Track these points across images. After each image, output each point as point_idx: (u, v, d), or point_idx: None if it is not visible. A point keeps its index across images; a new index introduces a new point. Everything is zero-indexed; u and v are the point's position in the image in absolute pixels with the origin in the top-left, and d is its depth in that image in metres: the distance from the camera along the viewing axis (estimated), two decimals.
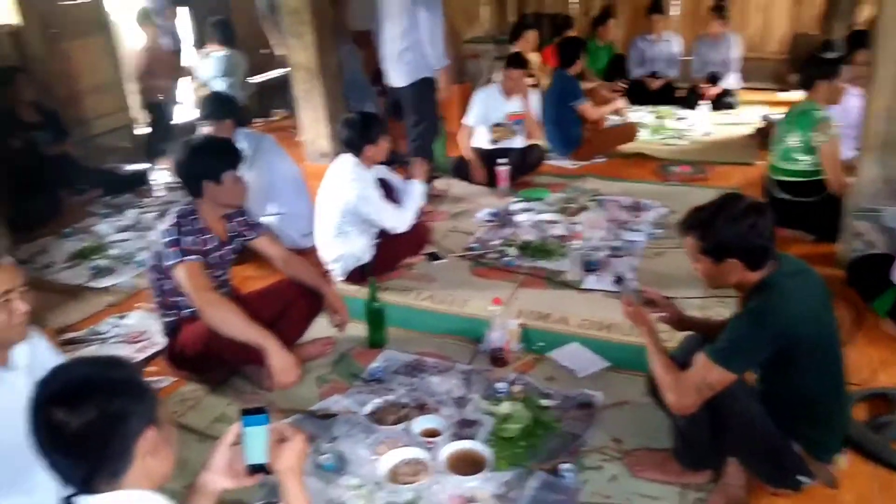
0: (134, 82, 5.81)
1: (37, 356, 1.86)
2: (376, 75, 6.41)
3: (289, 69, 4.69)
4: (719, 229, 1.84)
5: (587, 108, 5.25)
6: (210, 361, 2.63)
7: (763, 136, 5.23)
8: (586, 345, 2.86)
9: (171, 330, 2.69)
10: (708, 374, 1.81)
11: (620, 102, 5.90)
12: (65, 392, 1.20)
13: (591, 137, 5.32)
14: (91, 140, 5.18)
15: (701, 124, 6.00)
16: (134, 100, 5.90)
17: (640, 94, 6.70)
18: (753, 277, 1.87)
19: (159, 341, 2.92)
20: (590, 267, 3.49)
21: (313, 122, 4.46)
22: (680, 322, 2.25)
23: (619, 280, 2.22)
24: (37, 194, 4.39)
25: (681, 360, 1.93)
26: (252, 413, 1.47)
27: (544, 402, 2.47)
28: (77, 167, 4.75)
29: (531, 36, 6.03)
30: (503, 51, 6.49)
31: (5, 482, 1.72)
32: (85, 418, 1.17)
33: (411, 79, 4.37)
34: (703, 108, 6.16)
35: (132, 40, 5.80)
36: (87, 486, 1.21)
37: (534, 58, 6.03)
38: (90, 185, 4.79)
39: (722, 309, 2.96)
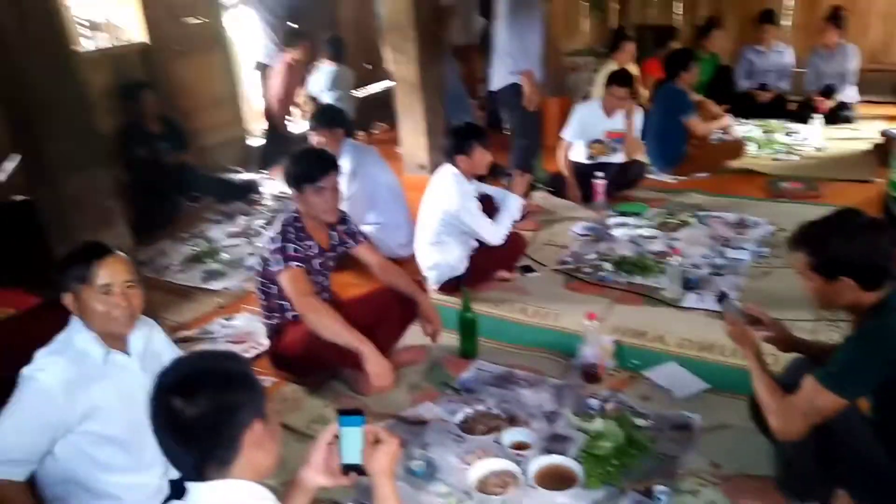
0: (257, 96, 6.13)
1: (151, 344, 1.99)
2: (474, 89, 6.51)
3: (390, 84, 4.81)
4: (833, 245, 1.75)
5: (695, 123, 5.08)
6: (310, 364, 2.73)
7: (882, 153, 4.90)
8: (684, 365, 2.77)
9: (275, 332, 2.81)
10: (817, 398, 1.72)
11: (729, 119, 5.67)
12: (183, 382, 1.28)
13: (695, 153, 5.15)
14: (207, 151, 5.51)
15: (814, 139, 5.69)
16: (248, 113, 6.24)
17: (748, 108, 6.43)
18: (868, 299, 1.76)
19: (263, 342, 3.06)
20: (690, 284, 3.38)
21: (412, 134, 4.56)
22: (786, 343, 2.14)
23: (721, 298, 2.13)
24: (158, 200, 4.71)
25: (787, 384, 1.84)
26: (349, 414, 1.52)
27: (639, 422, 2.41)
28: (194, 176, 5.05)
29: (630, 47, 5.92)
30: (602, 63, 6.41)
31: (126, 458, 1.86)
32: (199, 408, 1.25)
33: (502, 83, 4.40)
34: (817, 122, 5.85)
35: (247, 57, 6.12)
36: (198, 473, 1.29)
37: (633, 70, 5.92)
38: (205, 193, 5.09)
39: (833, 333, 2.80)
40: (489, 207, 3.57)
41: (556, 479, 2.13)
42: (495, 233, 3.45)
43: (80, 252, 1.82)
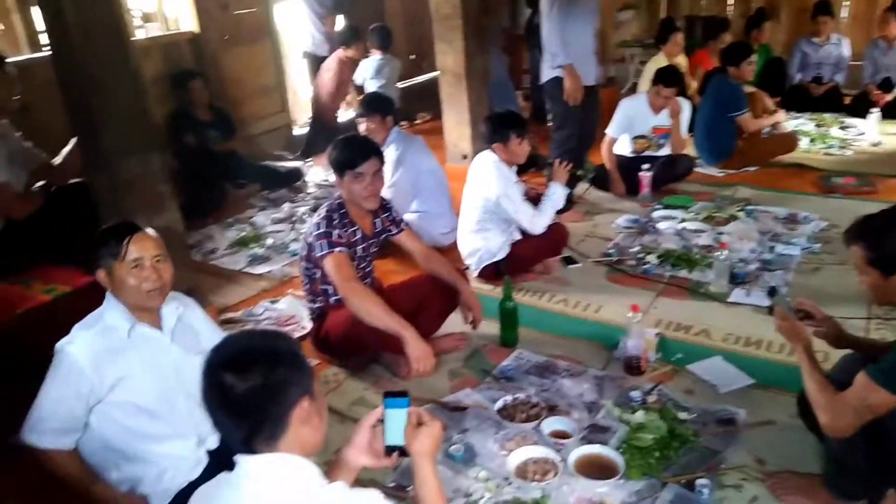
0: (299, 85, 6.22)
1: (185, 319, 2.04)
2: (519, 79, 6.49)
3: (433, 75, 4.81)
4: (891, 240, 1.70)
5: (747, 119, 4.96)
6: (352, 347, 2.77)
7: None
8: (729, 360, 2.72)
9: (318, 316, 2.86)
10: (869, 395, 1.68)
11: (781, 115, 5.52)
12: (235, 359, 1.32)
13: (745, 147, 5.03)
14: (254, 138, 5.60)
15: (870, 133, 5.52)
16: (294, 102, 6.32)
17: (801, 101, 6.26)
18: None
19: (306, 326, 3.12)
20: (737, 279, 3.31)
21: (456, 124, 4.57)
22: (838, 339, 2.09)
23: (772, 292, 2.09)
24: (206, 186, 4.81)
25: (837, 381, 1.80)
26: (394, 396, 1.54)
27: (681, 415, 2.38)
28: (241, 163, 5.14)
29: (679, 39, 5.82)
30: (650, 55, 6.32)
31: (158, 427, 1.92)
32: (250, 383, 1.28)
33: (547, 76, 4.37)
34: (874, 116, 5.64)
35: (294, 47, 6.20)
36: (247, 447, 1.32)
37: (681, 61, 5.82)
38: (251, 179, 5.18)
39: (886, 332, 2.72)
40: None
41: (596, 469, 2.12)
42: (536, 221, 3.43)
43: (112, 230, 1.90)
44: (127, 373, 1.85)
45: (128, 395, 1.86)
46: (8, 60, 3.30)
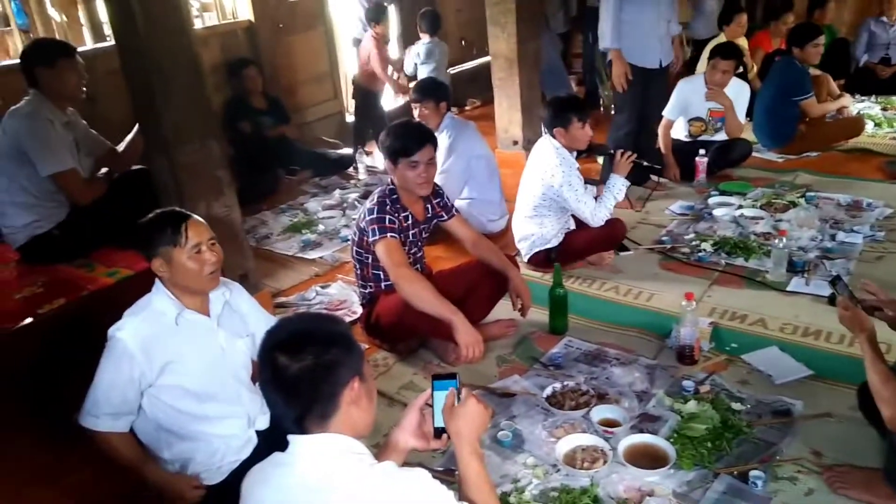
0: (350, 72, 6.27)
1: (232, 303, 2.08)
2: (571, 63, 6.39)
3: (485, 59, 4.77)
4: None
5: (811, 104, 4.78)
6: (401, 332, 2.80)
7: None
8: (786, 350, 2.66)
9: (369, 300, 2.90)
10: None
11: (847, 99, 5.30)
12: (288, 340, 1.35)
13: (807, 132, 4.86)
14: (306, 125, 5.68)
15: None
16: (345, 89, 6.37)
17: (867, 83, 6.00)
18: None
19: (357, 310, 3.17)
20: (796, 268, 3.22)
21: (508, 110, 4.53)
22: None
23: (835, 281, 2.01)
24: (260, 173, 4.91)
25: None
26: (443, 378, 1.56)
27: (735, 406, 2.34)
28: (293, 150, 5.23)
29: (742, 20, 5.62)
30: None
31: (206, 408, 1.98)
32: (302, 364, 1.31)
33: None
34: None
35: (346, 33, 6.24)
36: (299, 426, 1.35)
37: (743, 43, 5.63)
38: (303, 166, 5.26)
39: None
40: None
41: (646, 458, 2.10)
42: (596, 213, 3.34)
43: (165, 218, 1.93)
44: (175, 357, 1.90)
45: (176, 379, 1.91)
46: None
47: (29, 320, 2.86)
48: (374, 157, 5.79)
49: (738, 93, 4.52)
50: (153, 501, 2.09)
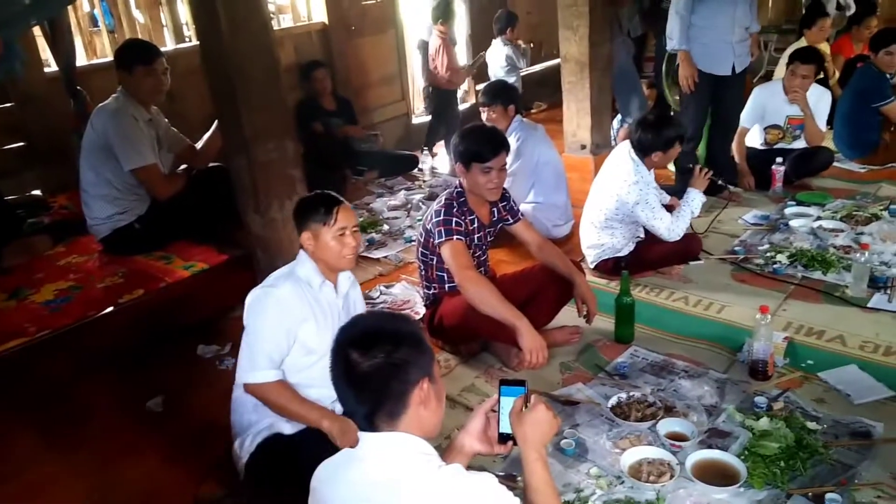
0: (421, 74, 6.31)
1: (351, 291, 2.29)
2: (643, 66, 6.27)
3: (552, 62, 4.71)
4: None
5: (893, 109, 4.56)
6: (464, 334, 2.80)
7: None
8: (866, 369, 2.55)
9: (432, 302, 2.91)
10: None
11: None
12: (360, 337, 1.37)
13: (891, 141, 4.64)
14: (373, 127, 5.75)
15: None
16: (414, 91, 6.42)
17: None
18: None
19: (420, 311, 3.19)
20: (878, 283, 3.08)
21: (577, 114, 4.48)
22: None
23: None
24: (329, 172, 4.99)
25: None
26: (511, 384, 1.55)
27: (810, 425, 2.25)
28: (360, 150, 5.30)
29: (825, 24, 5.40)
30: (788, 41, 5.92)
31: (319, 372, 2.03)
32: (373, 361, 1.33)
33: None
34: None
35: (415, 36, 6.28)
36: (369, 423, 1.37)
37: (824, 48, 5.42)
38: (370, 166, 5.33)
39: None
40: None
41: (715, 475, 2.04)
42: (673, 229, 3.26)
43: (321, 199, 2.13)
44: (310, 317, 2.09)
45: (305, 336, 2.08)
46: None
47: (110, 309, 3.00)
48: (439, 159, 5.83)
49: (819, 99, 4.35)
50: (223, 476, 2.20)
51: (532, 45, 7.27)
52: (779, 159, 4.22)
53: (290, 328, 2.05)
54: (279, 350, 2.05)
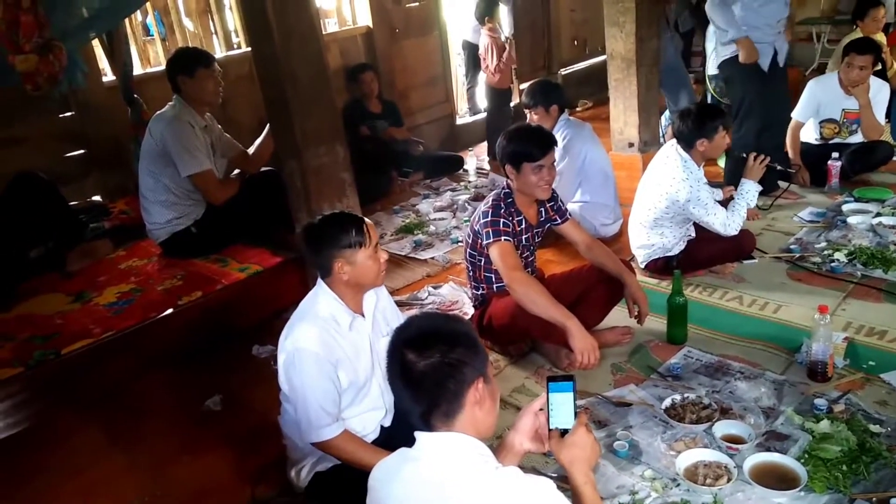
0: (465, 74, 6.32)
1: (379, 303, 2.18)
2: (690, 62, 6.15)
3: (597, 59, 4.66)
4: None
5: None
6: (514, 334, 2.80)
7: None
8: None
9: (481, 302, 2.92)
10: None
11: None
12: (417, 338, 1.40)
13: None
14: (419, 128, 5.79)
15: None
16: (458, 92, 6.44)
17: None
18: None
19: (468, 311, 3.20)
20: None
21: (624, 112, 4.43)
22: None
23: None
24: (375, 174, 5.05)
25: None
26: (559, 380, 1.56)
27: (873, 428, 2.19)
28: (405, 152, 5.35)
29: (879, 14, 5.22)
30: (842, 33, 5.74)
31: (352, 404, 2.07)
32: (429, 361, 1.35)
33: (718, 61, 4.12)
34: None
35: (458, 37, 6.30)
36: (425, 423, 1.39)
37: (880, 39, 5.24)
38: (415, 168, 5.36)
39: None
40: None
41: (773, 478, 2.00)
42: (730, 224, 3.20)
43: (344, 221, 1.98)
44: (342, 356, 1.98)
45: (342, 375, 1.99)
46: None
47: (170, 310, 3.09)
48: (483, 159, 5.82)
49: (877, 91, 4.22)
50: (279, 477, 2.23)
51: (576, 42, 7.24)
52: (835, 154, 4.10)
53: (331, 376, 1.95)
54: (332, 401, 1.95)
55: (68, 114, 4.14)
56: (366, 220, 2.02)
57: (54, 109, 4.02)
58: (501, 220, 2.69)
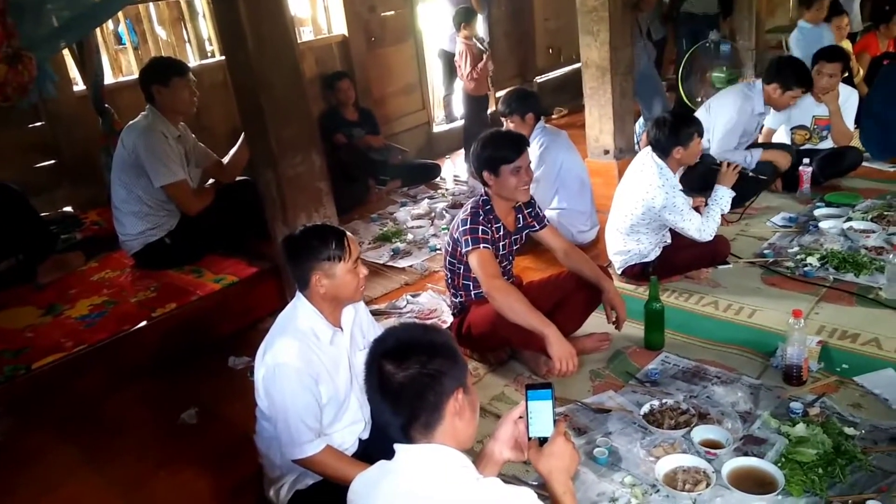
0: (442, 82, 6.32)
1: (357, 320, 2.15)
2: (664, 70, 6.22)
3: (572, 67, 4.69)
4: None
5: None
6: (493, 342, 2.80)
7: None
8: None
9: (459, 310, 2.91)
10: None
11: None
12: (395, 349, 1.38)
13: None
14: (395, 136, 5.78)
15: None
16: (434, 99, 6.44)
17: None
18: None
19: (447, 319, 3.19)
20: None
21: (599, 119, 4.47)
22: None
23: None
24: (352, 183, 5.03)
25: None
26: (537, 388, 1.55)
27: (848, 430, 2.21)
28: (383, 160, 5.33)
29: (843, 22, 5.35)
30: None
31: (331, 418, 2.04)
32: (408, 373, 1.34)
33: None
34: None
35: (434, 45, 6.32)
36: (404, 435, 1.38)
37: (847, 46, 5.35)
38: (392, 176, 5.35)
39: None
40: None
41: (751, 482, 2.02)
42: (704, 229, 3.23)
43: (324, 233, 1.95)
44: (322, 370, 1.96)
45: (323, 390, 1.96)
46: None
47: (144, 323, 3.05)
48: (460, 166, 5.83)
49: (846, 98, 4.31)
50: (251, 501, 2.20)
51: (550, 50, 7.29)
52: (806, 160, 4.17)
53: (312, 390, 1.92)
54: (314, 416, 1.92)
55: (38, 124, 4.07)
56: (347, 233, 1.99)
57: (24, 120, 3.96)
58: (480, 227, 2.69)
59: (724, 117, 4.08)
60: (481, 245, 2.66)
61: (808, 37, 5.26)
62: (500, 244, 2.80)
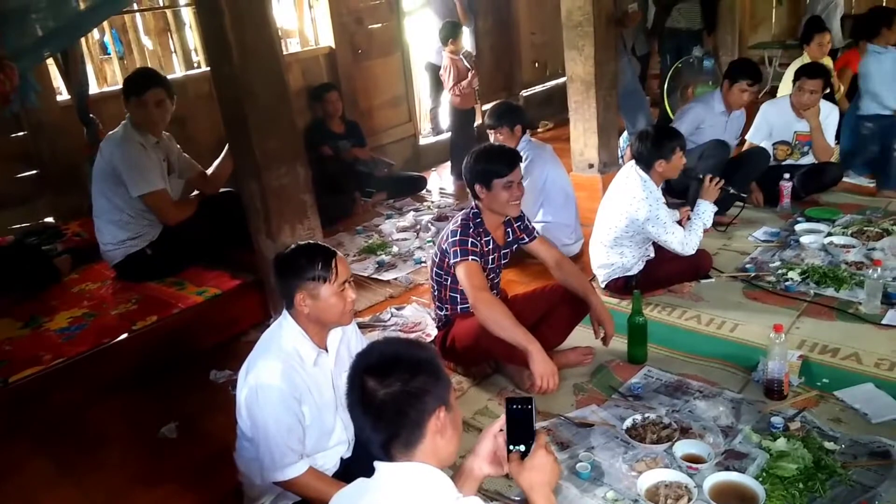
0: (429, 95, 6.34)
1: (344, 340, 2.11)
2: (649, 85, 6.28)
3: (557, 81, 4.72)
4: None
5: None
6: (477, 355, 2.80)
7: None
8: (883, 387, 2.52)
9: (444, 323, 2.91)
10: None
11: None
12: (378, 365, 1.37)
13: None
14: (382, 148, 5.78)
15: None
16: (421, 112, 6.46)
17: None
18: None
19: (431, 333, 3.18)
20: (892, 300, 3.06)
21: (584, 133, 4.50)
22: None
23: None
24: (338, 195, 5.02)
25: None
26: (517, 401, 1.55)
27: (828, 445, 2.23)
28: (368, 172, 5.32)
29: (824, 39, 5.42)
30: (792, 56, 5.94)
31: (314, 440, 2.02)
32: (390, 390, 1.32)
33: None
34: None
35: (421, 58, 6.34)
36: (385, 452, 1.37)
37: (827, 63, 5.43)
38: (378, 188, 5.34)
39: None
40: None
41: (733, 497, 2.02)
42: (687, 243, 3.25)
43: (313, 252, 1.91)
44: (305, 392, 1.92)
45: (307, 410, 1.93)
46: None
47: (124, 336, 3.02)
48: (446, 179, 5.83)
49: (827, 115, 4.36)
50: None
51: (536, 64, 7.34)
52: (786, 175, 4.22)
53: (296, 412, 1.89)
54: (297, 438, 1.89)
55: (20, 133, 4.04)
56: (338, 255, 1.94)
57: (5, 129, 3.92)
58: (470, 239, 2.68)
59: (684, 125, 4.14)
60: (469, 257, 2.66)
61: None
62: (489, 258, 2.80)
